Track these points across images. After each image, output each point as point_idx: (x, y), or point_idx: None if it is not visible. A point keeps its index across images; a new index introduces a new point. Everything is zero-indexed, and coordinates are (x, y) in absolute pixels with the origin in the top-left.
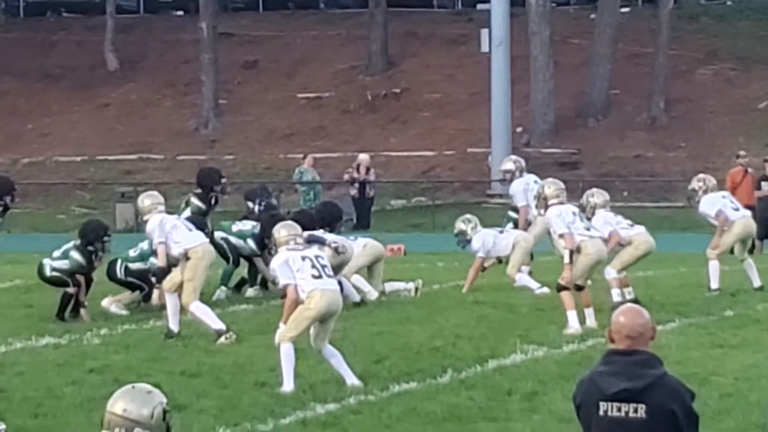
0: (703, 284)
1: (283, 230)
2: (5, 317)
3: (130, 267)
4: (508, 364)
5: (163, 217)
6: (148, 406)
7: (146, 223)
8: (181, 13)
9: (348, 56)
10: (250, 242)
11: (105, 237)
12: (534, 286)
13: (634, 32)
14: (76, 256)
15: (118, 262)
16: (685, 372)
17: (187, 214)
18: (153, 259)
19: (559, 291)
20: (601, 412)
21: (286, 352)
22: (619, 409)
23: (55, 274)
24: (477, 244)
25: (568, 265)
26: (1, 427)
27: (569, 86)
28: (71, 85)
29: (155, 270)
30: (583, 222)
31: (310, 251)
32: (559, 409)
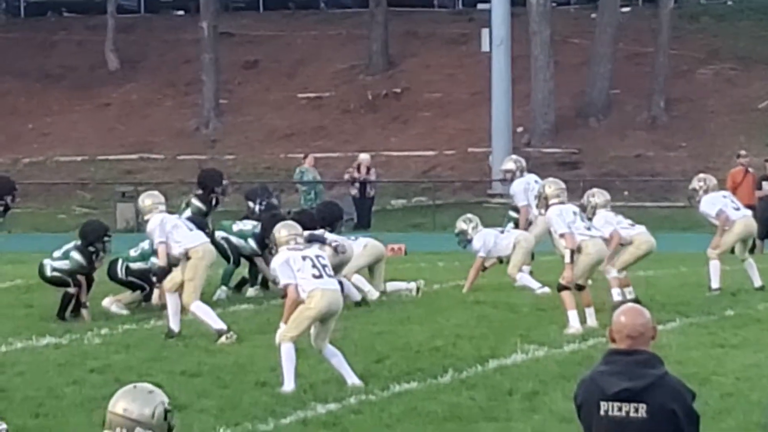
0: (703, 284)
1: (284, 230)
2: (6, 317)
3: (131, 267)
4: (509, 364)
5: (163, 216)
6: (150, 405)
7: (147, 223)
8: (181, 12)
9: (348, 56)
10: (251, 242)
11: (105, 237)
12: (535, 286)
13: (634, 32)
14: (77, 256)
15: (119, 262)
16: (686, 372)
17: (188, 214)
18: (154, 259)
19: (560, 291)
20: (602, 412)
21: (287, 351)
22: (620, 409)
23: (55, 274)
24: (478, 244)
25: (569, 265)
26: (2, 427)
27: (570, 86)
28: (72, 85)
29: (156, 270)
30: (584, 222)
31: (311, 251)
32: (560, 408)
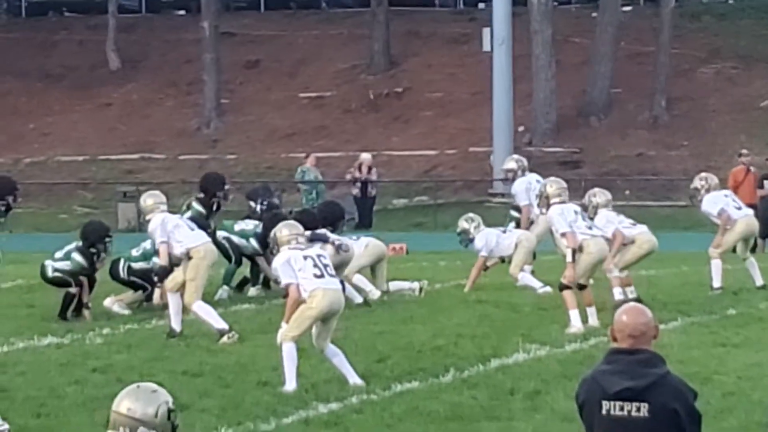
0: (705, 283)
1: (285, 229)
2: (7, 317)
3: (132, 266)
4: (511, 363)
5: (165, 216)
6: (153, 405)
7: (148, 223)
8: (183, 12)
9: (350, 55)
10: (253, 241)
11: (106, 238)
12: (536, 285)
13: (635, 31)
14: (78, 257)
15: (121, 262)
16: (688, 371)
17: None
18: (156, 259)
19: (562, 290)
20: (604, 411)
21: (289, 351)
22: (622, 408)
23: (57, 275)
24: (480, 244)
25: (571, 264)
26: (4, 427)
27: (571, 85)
28: (73, 85)
29: (157, 269)
30: (585, 221)
31: (312, 250)
32: (562, 408)
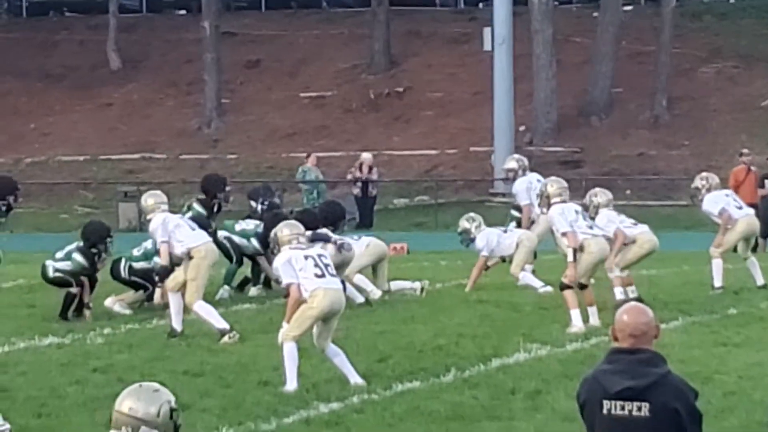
0: (706, 282)
1: (286, 229)
2: (8, 317)
3: (134, 266)
4: (512, 363)
5: (166, 216)
6: (155, 404)
7: (149, 223)
8: (183, 12)
9: (350, 55)
10: (254, 241)
11: (107, 238)
12: (537, 285)
13: (636, 30)
14: (79, 257)
15: (122, 262)
16: (689, 370)
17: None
18: (157, 259)
19: (563, 290)
20: (605, 411)
21: (289, 351)
22: (623, 408)
23: (58, 275)
24: (481, 243)
25: (572, 264)
26: (5, 427)
27: (572, 85)
28: (74, 85)
29: (158, 269)
30: (586, 220)
31: (313, 250)
32: (563, 407)
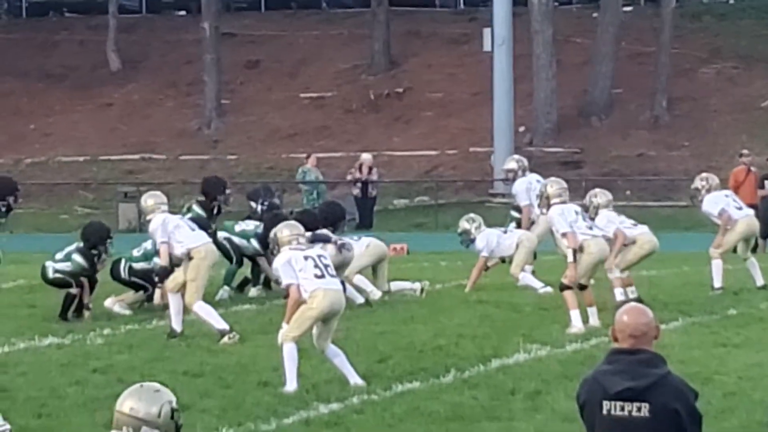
0: (706, 283)
1: (286, 230)
2: (8, 317)
3: (134, 267)
4: (512, 364)
5: (165, 216)
6: (156, 404)
7: (149, 223)
8: (183, 13)
9: (350, 56)
10: (254, 242)
11: (108, 239)
12: (537, 286)
13: (636, 31)
14: (78, 258)
15: (122, 262)
16: (689, 371)
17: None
18: (157, 259)
19: (562, 290)
20: (605, 411)
21: (289, 351)
22: (623, 408)
23: (57, 275)
24: (481, 244)
25: (573, 264)
26: (6, 427)
27: (572, 85)
28: (73, 85)
29: (158, 270)
30: (586, 221)
31: (313, 251)
32: (563, 408)
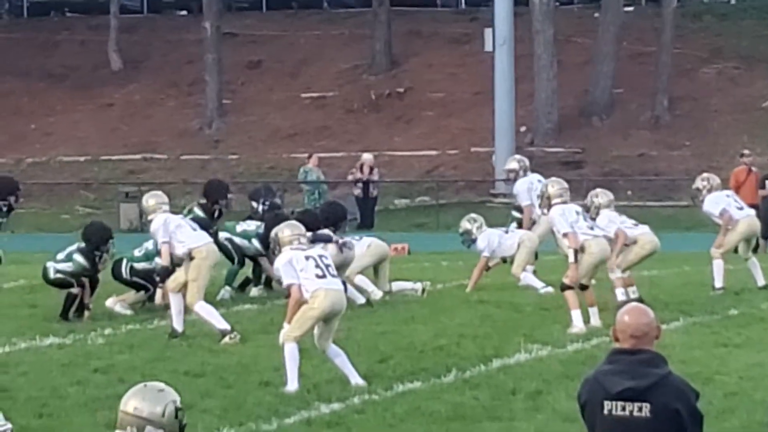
0: (707, 283)
1: (287, 230)
2: (9, 317)
3: (135, 267)
4: (513, 364)
5: (167, 216)
6: (160, 404)
7: (150, 223)
8: (184, 13)
9: (351, 56)
10: (255, 242)
11: (109, 240)
12: (538, 286)
13: (637, 31)
14: (80, 259)
15: (124, 262)
16: (690, 371)
17: None
18: (158, 259)
19: (564, 290)
20: (606, 411)
21: (290, 351)
22: (624, 408)
23: (59, 276)
24: (482, 244)
25: (574, 265)
26: (7, 427)
27: (573, 85)
28: (75, 85)
29: (159, 269)
30: (587, 221)
31: (314, 251)
32: (564, 408)
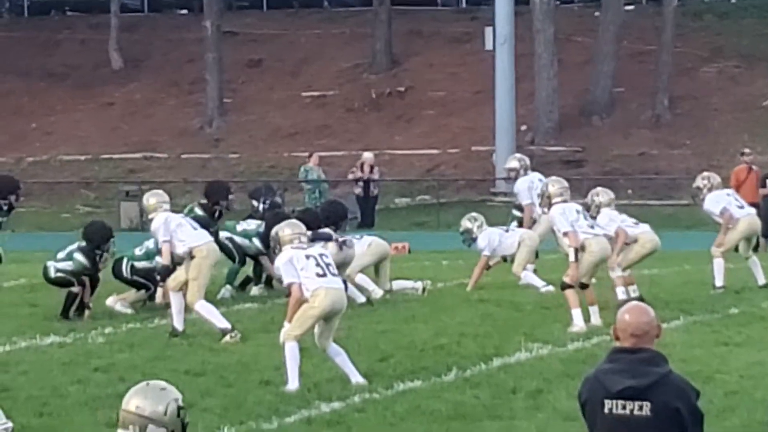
0: (707, 282)
1: (287, 229)
2: (10, 316)
3: (135, 266)
4: (513, 363)
5: (167, 215)
6: (162, 402)
7: (151, 222)
8: (185, 11)
9: (352, 55)
10: (256, 241)
11: (110, 239)
12: (539, 285)
13: (638, 30)
14: (80, 258)
15: (124, 261)
16: (690, 370)
17: None
18: (159, 258)
19: (564, 289)
20: (606, 410)
21: (291, 350)
22: (624, 407)
23: (59, 275)
24: (483, 243)
25: (574, 264)
26: (8, 426)
27: (573, 84)
28: (75, 84)
29: (159, 268)
30: (587, 220)
31: (315, 249)
32: (564, 407)
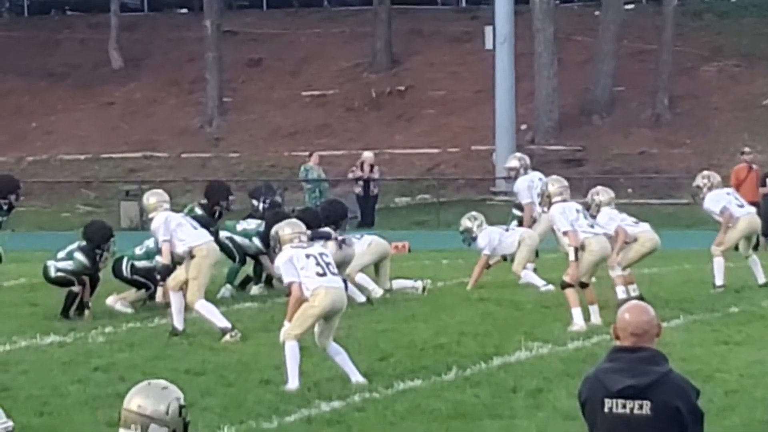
0: (707, 281)
1: (287, 228)
2: (10, 316)
3: (136, 265)
4: (513, 362)
5: (168, 214)
6: (164, 402)
7: (151, 221)
8: (185, 11)
9: (352, 54)
10: (256, 241)
11: (110, 238)
12: (539, 284)
13: (638, 29)
14: (80, 257)
15: (124, 260)
16: (690, 369)
17: None
18: (159, 257)
19: (564, 288)
20: (606, 409)
21: (291, 349)
22: (624, 406)
23: (59, 274)
24: (483, 242)
25: (574, 263)
26: (9, 425)
27: (573, 83)
28: (75, 84)
29: (159, 268)
30: (587, 219)
31: (315, 249)
32: (564, 406)
